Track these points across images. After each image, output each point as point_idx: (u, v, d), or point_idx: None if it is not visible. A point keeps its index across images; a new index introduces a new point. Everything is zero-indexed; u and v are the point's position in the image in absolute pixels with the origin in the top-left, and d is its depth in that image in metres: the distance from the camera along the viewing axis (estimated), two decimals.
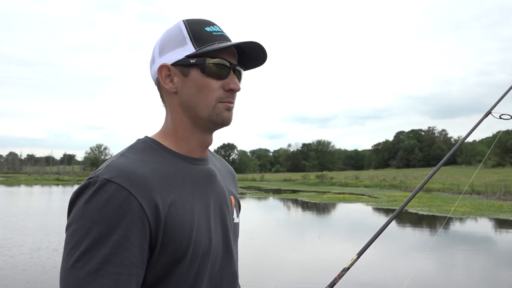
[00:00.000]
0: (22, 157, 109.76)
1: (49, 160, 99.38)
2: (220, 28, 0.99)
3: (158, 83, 1.00)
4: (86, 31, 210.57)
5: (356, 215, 19.49)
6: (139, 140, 0.99)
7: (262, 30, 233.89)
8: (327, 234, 13.38)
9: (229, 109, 0.98)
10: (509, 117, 1.92)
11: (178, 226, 0.87)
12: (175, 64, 0.96)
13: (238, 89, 0.98)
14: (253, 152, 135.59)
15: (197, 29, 0.96)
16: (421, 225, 16.25)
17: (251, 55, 1.01)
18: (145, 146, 0.96)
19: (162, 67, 0.97)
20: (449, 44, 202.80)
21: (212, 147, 1.12)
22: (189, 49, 0.94)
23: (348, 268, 1.32)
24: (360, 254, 1.43)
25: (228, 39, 0.98)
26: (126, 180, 0.83)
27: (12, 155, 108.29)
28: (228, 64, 0.96)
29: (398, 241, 12.18)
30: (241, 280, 1.13)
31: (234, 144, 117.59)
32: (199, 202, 0.95)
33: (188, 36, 0.95)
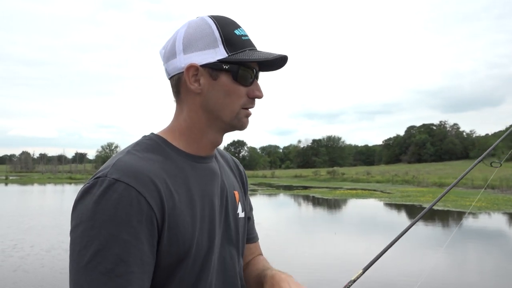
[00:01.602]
0: (35, 156, 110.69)
1: (61, 159, 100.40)
2: (245, 31, 0.99)
3: (177, 80, 0.97)
4: (93, 30, 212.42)
5: (371, 211, 19.25)
6: (144, 136, 0.98)
7: (270, 25, 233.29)
8: (343, 231, 13.19)
9: (248, 116, 1.00)
10: (499, 164, 1.91)
11: (181, 226, 0.88)
12: (205, 65, 0.94)
13: (262, 96, 1.00)
14: (263, 148, 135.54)
15: (228, 32, 0.95)
16: (438, 221, 15.98)
17: (270, 62, 1.01)
18: (151, 143, 0.95)
19: (191, 67, 0.94)
20: (458, 37, 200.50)
21: (222, 144, 1.08)
22: (221, 53, 0.94)
23: (354, 281, 1.35)
24: (365, 269, 1.46)
25: (253, 44, 0.99)
26: (134, 179, 0.83)
27: (25, 154, 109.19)
28: (253, 72, 0.97)
29: (413, 238, 11.98)
30: None
31: (244, 141, 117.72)
32: (202, 201, 0.95)
33: (220, 39, 0.94)
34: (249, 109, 0.99)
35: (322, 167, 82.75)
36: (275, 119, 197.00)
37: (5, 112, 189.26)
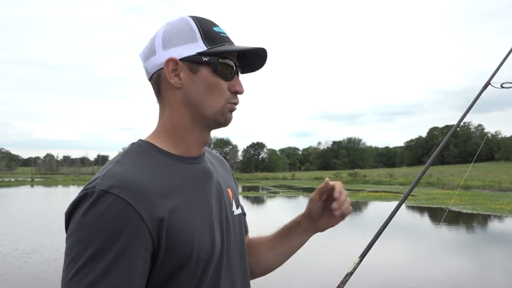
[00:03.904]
0: (59, 159, 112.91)
1: (84, 161, 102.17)
2: (223, 30, 1.00)
3: (157, 77, 0.97)
4: (112, 34, 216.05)
5: (397, 214, 18.81)
6: (133, 144, 0.97)
7: (287, 26, 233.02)
8: (372, 235, 12.89)
9: (232, 111, 0.99)
10: (511, 85, 1.81)
11: (181, 232, 0.87)
12: (183, 59, 0.94)
13: (243, 91, 0.99)
14: (282, 150, 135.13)
15: (207, 28, 0.96)
16: (467, 224, 15.52)
17: (250, 60, 1.02)
18: (140, 150, 0.94)
19: (170, 61, 0.94)
20: (481, 35, 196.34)
21: (242, 146, 0.96)
22: (201, 46, 0.94)
23: (351, 273, 1.29)
24: (362, 256, 1.41)
25: (232, 41, 0.99)
26: (123, 190, 0.82)
27: (49, 156, 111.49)
28: (234, 66, 0.97)
29: (440, 242, 11.65)
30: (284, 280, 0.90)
31: (263, 143, 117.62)
32: (199, 203, 0.94)
33: (199, 33, 0.94)
34: (234, 105, 0.99)
35: (342, 169, 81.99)
36: (294, 120, 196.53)
37: (30, 115, 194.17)
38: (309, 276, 8.03)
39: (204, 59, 0.93)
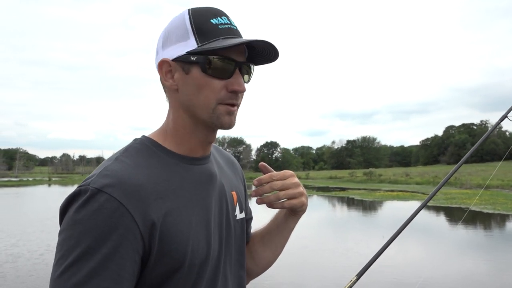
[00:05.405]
0: (75, 158, 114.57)
1: (99, 160, 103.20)
2: (228, 20, 0.92)
3: (160, 78, 0.95)
4: (125, 34, 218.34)
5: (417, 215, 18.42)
6: (135, 140, 0.95)
7: (301, 24, 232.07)
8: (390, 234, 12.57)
9: (230, 113, 0.91)
10: None
11: (175, 235, 0.85)
12: (176, 59, 0.90)
13: (242, 90, 0.91)
14: (296, 149, 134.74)
15: (201, 22, 0.89)
16: (492, 224, 15.06)
17: (262, 51, 0.93)
18: (142, 147, 0.92)
19: (163, 63, 0.91)
20: (498, 32, 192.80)
21: (255, 146, 0.82)
22: (191, 44, 0.88)
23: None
24: (359, 275, 1.38)
25: (235, 33, 0.91)
26: (117, 190, 0.80)
27: (65, 156, 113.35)
28: (232, 63, 0.89)
29: (467, 243, 11.28)
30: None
31: (277, 142, 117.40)
32: (198, 207, 0.91)
33: (191, 29, 0.89)
34: (231, 105, 0.90)
35: (357, 168, 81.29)
36: (307, 120, 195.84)
37: (46, 115, 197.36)
38: (320, 275, 7.84)
39: (192, 58, 0.87)
